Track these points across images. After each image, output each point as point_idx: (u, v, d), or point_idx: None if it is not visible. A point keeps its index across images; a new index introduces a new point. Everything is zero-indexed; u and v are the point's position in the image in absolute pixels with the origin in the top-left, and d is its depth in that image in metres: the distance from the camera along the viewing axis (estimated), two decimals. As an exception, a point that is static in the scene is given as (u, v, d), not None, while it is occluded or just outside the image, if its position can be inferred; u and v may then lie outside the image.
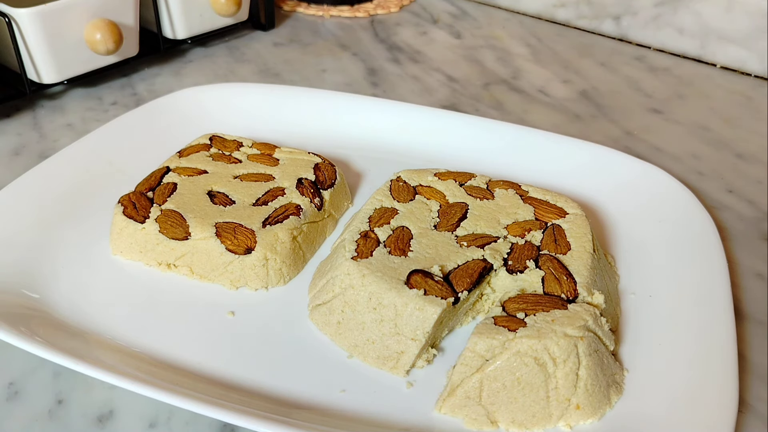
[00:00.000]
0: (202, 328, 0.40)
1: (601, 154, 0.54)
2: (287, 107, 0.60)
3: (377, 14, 0.89)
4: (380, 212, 0.44)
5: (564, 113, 0.65)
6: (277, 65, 0.74)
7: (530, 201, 0.45)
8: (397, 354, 0.37)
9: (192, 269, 0.43)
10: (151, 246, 0.44)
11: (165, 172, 0.48)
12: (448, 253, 0.40)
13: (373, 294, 0.38)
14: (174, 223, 0.43)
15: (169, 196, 0.45)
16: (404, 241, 0.41)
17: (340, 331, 0.39)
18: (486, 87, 0.70)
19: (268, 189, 0.47)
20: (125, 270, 0.44)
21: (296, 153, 0.51)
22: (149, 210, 0.44)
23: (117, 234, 0.44)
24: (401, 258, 0.40)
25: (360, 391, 0.37)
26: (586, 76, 0.72)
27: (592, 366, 0.35)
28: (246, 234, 0.42)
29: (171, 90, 0.67)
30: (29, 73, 0.61)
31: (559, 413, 0.35)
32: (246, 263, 0.42)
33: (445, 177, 0.47)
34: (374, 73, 0.73)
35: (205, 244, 0.43)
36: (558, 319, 0.36)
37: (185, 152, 0.50)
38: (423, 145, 0.57)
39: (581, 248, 0.41)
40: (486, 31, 0.84)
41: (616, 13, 0.80)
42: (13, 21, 0.57)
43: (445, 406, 0.35)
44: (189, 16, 0.70)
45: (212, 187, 0.47)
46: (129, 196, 0.45)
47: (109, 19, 0.61)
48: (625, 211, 0.50)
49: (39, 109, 0.63)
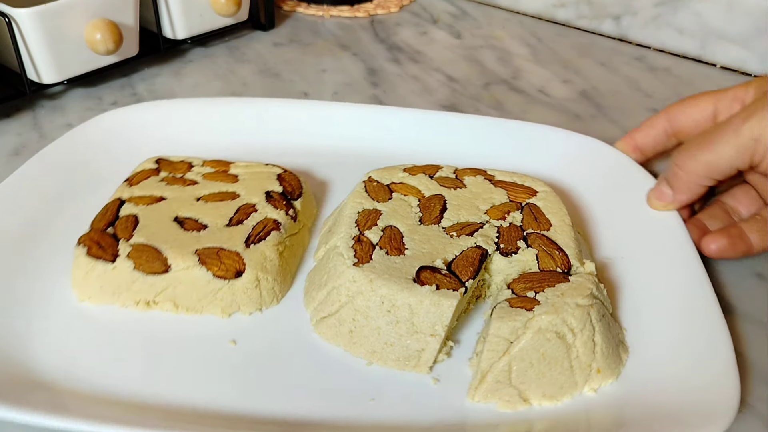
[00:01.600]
0: (206, 364, 0.38)
1: (543, 132, 0.56)
2: (224, 120, 0.57)
3: (377, 14, 0.88)
4: (365, 215, 0.43)
5: (564, 113, 0.65)
6: (277, 65, 0.74)
7: (500, 185, 0.47)
8: (417, 352, 0.38)
9: (176, 303, 0.40)
10: (126, 285, 0.40)
11: (120, 205, 0.44)
12: (443, 246, 0.41)
13: (385, 297, 0.37)
14: (150, 257, 0.40)
15: (134, 230, 0.42)
16: (398, 240, 0.41)
17: (354, 339, 0.39)
18: (486, 87, 0.70)
19: (238, 207, 0.44)
20: (100, 316, 0.40)
21: (254, 166, 0.49)
22: (117, 247, 0.41)
23: (82, 278, 0.40)
24: (401, 257, 0.40)
25: (389, 396, 0.36)
26: (586, 76, 0.73)
27: (604, 330, 0.37)
28: (232, 257, 0.40)
29: (171, 90, 0.67)
30: (29, 73, 0.60)
31: (583, 380, 0.37)
32: (237, 287, 0.40)
33: (414, 172, 0.48)
34: (374, 73, 0.73)
35: (188, 274, 0.40)
36: (566, 292, 0.37)
37: (134, 180, 0.47)
38: (365, 144, 0.56)
39: (561, 222, 0.43)
40: (486, 31, 0.84)
41: (616, 13, 0.80)
42: (13, 21, 0.57)
43: (477, 393, 0.36)
44: (189, 16, 0.70)
45: (177, 213, 0.44)
46: (89, 236, 0.41)
47: (109, 19, 0.61)
48: (572, 184, 0.52)
49: (39, 109, 0.63)
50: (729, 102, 0.47)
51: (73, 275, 0.41)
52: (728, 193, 0.49)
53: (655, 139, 0.51)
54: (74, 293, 0.41)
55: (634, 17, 0.79)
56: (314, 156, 0.55)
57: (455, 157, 0.53)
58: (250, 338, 0.39)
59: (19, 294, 0.41)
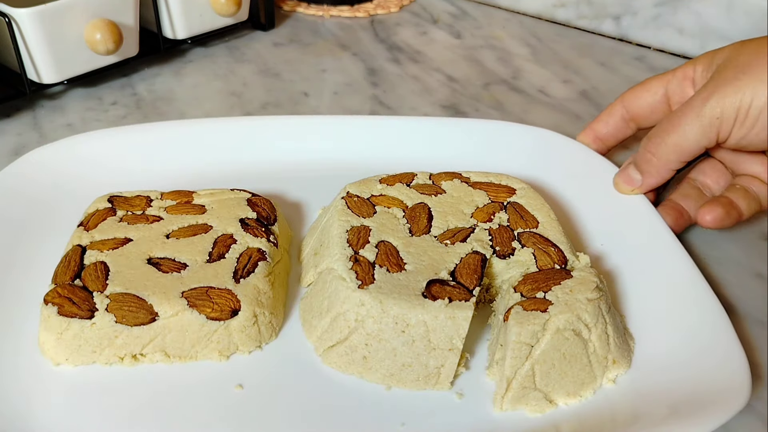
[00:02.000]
0: (217, 413, 0.35)
1: (500, 128, 0.56)
2: (166, 147, 0.53)
3: (377, 14, 0.87)
4: (355, 233, 0.41)
5: (564, 113, 0.65)
6: (277, 65, 0.73)
7: (478, 186, 0.46)
8: (437, 369, 0.37)
9: (167, 353, 0.37)
10: (108, 341, 0.36)
11: (82, 252, 0.40)
12: (441, 255, 0.40)
13: (398, 317, 0.36)
14: (132, 307, 0.36)
15: (107, 278, 0.38)
16: (395, 256, 0.40)
17: (370, 365, 0.37)
18: (486, 87, 0.70)
19: (215, 239, 0.41)
20: (84, 379, 0.36)
21: (218, 193, 0.45)
22: (92, 301, 0.37)
23: (56, 340, 0.36)
24: (403, 273, 0.38)
25: (418, 418, 0.35)
26: (586, 76, 0.72)
27: (612, 321, 0.38)
28: (224, 295, 0.37)
29: (171, 90, 0.67)
30: (29, 73, 0.60)
31: (601, 372, 0.37)
32: (233, 327, 0.37)
33: (391, 182, 0.46)
34: (374, 73, 0.72)
35: (178, 320, 0.37)
36: (574, 288, 0.37)
37: (90, 223, 0.42)
38: (317, 157, 0.54)
39: (547, 218, 0.44)
40: (486, 31, 0.83)
41: (616, 13, 0.80)
42: (13, 21, 0.57)
43: (504, 402, 0.36)
44: (189, 16, 0.70)
45: (149, 255, 0.40)
46: (56, 292, 0.37)
47: (109, 19, 0.61)
48: (536, 178, 0.53)
49: (39, 109, 0.63)
50: (679, 82, 0.49)
51: (42, 339, 0.37)
52: (696, 169, 0.50)
53: (615, 126, 0.53)
54: (48, 358, 0.37)
55: (634, 17, 0.79)
56: (273, 175, 0.52)
57: (415, 161, 0.52)
58: (257, 379, 0.37)
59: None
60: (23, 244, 0.44)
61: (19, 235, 0.45)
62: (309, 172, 0.53)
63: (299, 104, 0.66)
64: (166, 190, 0.46)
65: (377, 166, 0.51)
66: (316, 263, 0.42)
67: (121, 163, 0.52)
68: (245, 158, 0.54)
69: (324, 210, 0.48)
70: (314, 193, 0.50)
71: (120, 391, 0.36)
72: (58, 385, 0.36)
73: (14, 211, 0.46)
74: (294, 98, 0.67)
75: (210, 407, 0.35)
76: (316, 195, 0.50)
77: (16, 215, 0.46)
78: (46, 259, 0.43)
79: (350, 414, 0.35)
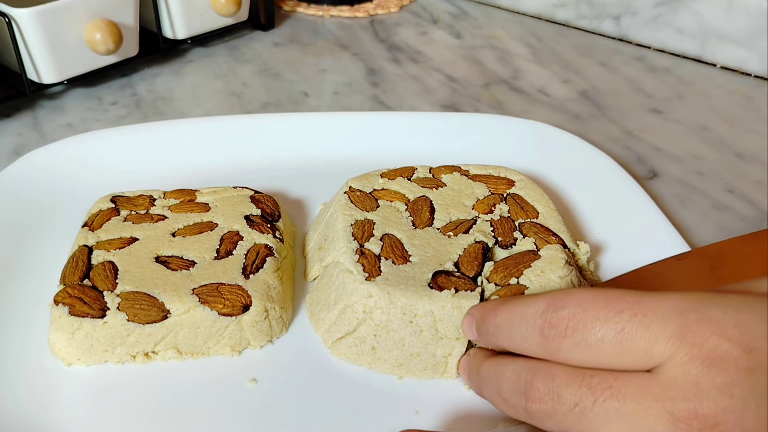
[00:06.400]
0: (232, 408, 0.35)
1: (490, 121, 0.58)
2: (163, 147, 0.54)
3: (377, 14, 0.87)
4: (359, 226, 0.42)
5: (564, 113, 0.65)
6: (277, 65, 0.74)
7: (478, 178, 0.47)
8: (444, 358, 0.37)
9: (179, 349, 0.38)
10: (120, 339, 0.37)
11: (89, 253, 0.40)
12: (444, 247, 0.41)
13: (406, 307, 0.37)
14: (144, 305, 0.37)
15: (116, 277, 0.38)
16: (400, 248, 0.40)
17: (379, 355, 0.38)
18: (486, 87, 0.70)
19: (221, 236, 0.42)
20: (95, 378, 0.36)
21: (221, 191, 0.46)
22: (103, 300, 0.37)
23: (68, 340, 0.36)
24: (408, 265, 0.39)
25: (432, 406, 0.36)
26: (586, 76, 0.73)
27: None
28: (235, 291, 0.38)
29: (171, 90, 0.67)
30: (29, 73, 0.60)
31: None
32: (245, 322, 0.38)
33: (392, 176, 0.47)
34: (374, 73, 0.72)
35: (190, 317, 0.37)
36: (545, 268, 0.38)
37: (95, 223, 0.43)
38: (315, 153, 0.54)
39: (547, 207, 0.45)
40: (486, 31, 0.83)
41: (616, 13, 0.80)
42: (13, 21, 0.57)
43: None
44: (189, 16, 0.70)
45: (157, 253, 0.40)
46: (66, 292, 0.37)
47: (109, 19, 0.61)
48: (529, 169, 0.53)
49: (39, 109, 0.63)
50: None
51: (52, 340, 0.37)
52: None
53: None
54: (60, 358, 0.37)
55: (634, 17, 0.79)
56: (273, 172, 0.53)
57: (413, 155, 0.52)
58: (270, 373, 0.37)
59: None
60: (23, 245, 0.44)
61: (20, 236, 0.45)
62: (309, 169, 0.53)
63: (299, 104, 0.66)
64: (167, 189, 0.46)
65: (376, 161, 0.51)
66: (321, 257, 0.43)
67: (121, 163, 0.52)
68: (244, 156, 0.54)
69: (325, 205, 0.48)
70: (315, 189, 0.51)
71: (133, 389, 0.36)
72: (72, 385, 0.36)
73: (14, 211, 0.46)
74: (294, 98, 0.67)
75: (226, 402, 0.36)
76: (317, 191, 0.50)
77: (16, 215, 0.46)
78: (47, 260, 0.43)
79: (365, 403, 0.36)
